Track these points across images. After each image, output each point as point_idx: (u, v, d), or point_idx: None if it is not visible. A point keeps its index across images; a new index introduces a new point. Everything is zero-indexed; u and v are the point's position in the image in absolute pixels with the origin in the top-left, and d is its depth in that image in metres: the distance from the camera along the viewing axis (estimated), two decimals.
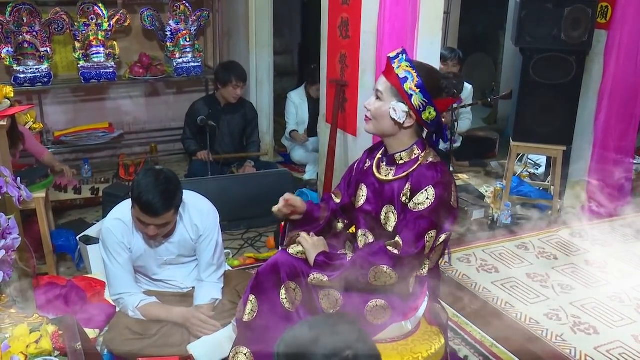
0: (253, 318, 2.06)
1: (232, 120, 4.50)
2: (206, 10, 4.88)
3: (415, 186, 1.95)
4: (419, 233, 1.91)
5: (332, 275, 1.98)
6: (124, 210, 2.48)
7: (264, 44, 4.93)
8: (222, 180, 3.93)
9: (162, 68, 4.89)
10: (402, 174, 2.01)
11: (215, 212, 2.62)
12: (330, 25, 3.67)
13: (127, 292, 2.50)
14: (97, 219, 3.79)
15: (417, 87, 1.93)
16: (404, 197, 1.98)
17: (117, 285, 2.51)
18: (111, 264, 2.49)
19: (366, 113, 2.05)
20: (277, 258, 2.10)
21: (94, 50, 4.49)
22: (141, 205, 2.28)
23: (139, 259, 2.54)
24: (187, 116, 4.52)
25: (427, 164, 1.99)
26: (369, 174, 2.13)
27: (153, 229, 2.34)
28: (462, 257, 3.57)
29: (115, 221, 2.48)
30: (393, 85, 1.97)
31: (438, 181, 1.94)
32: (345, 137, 3.66)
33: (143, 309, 2.48)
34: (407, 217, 1.94)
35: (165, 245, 2.53)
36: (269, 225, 3.89)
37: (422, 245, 1.92)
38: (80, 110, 4.94)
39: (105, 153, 5.11)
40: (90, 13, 4.45)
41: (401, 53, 1.98)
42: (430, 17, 3.22)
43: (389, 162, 2.08)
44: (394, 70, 1.95)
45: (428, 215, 1.91)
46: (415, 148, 2.03)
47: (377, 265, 1.92)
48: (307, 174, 4.84)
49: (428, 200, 1.92)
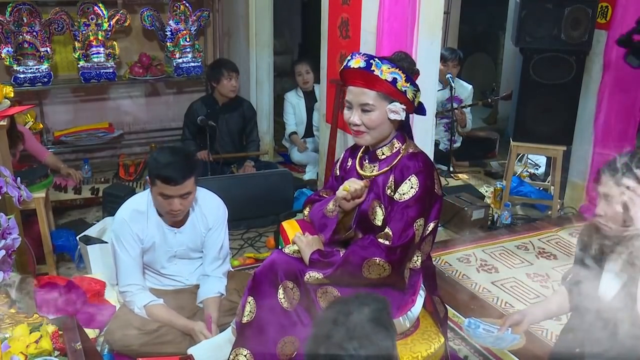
0: (252, 319, 2.06)
1: (230, 120, 4.50)
2: (206, 10, 4.89)
3: (399, 177, 2.00)
4: (408, 222, 1.95)
5: (327, 272, 1.99)
6: (138, 200, 2.57)
7: (264, 44, 4.93)
8: (222, 180, 3.93)
9: (162, 68, 4.89)
10: (385, 168, 2.05)
11: (225, 207, 2.67)
12: (330, 25, 3.68)
13: (137, 284, 2.52)
14: (97, 219, 3.80)
15: (407, 81, 1.98)
16: (389, 190, 2.02)
17: (127, 276, 2.52)
18: (123, 254, 2.51)
19: (357, 128, 2.04)
20: (274, 258, 2.10)
21: (94, 50, 4.50)
22: (163, 177, 2.33)
23: (150, 251, 2.56)
24: (186, 117, 4.52)
25: (408, 154, 2.04)
26: (352, 173, 2.16)
27: (177, 202, 2.38)
28: (462, 257, 3.57)
29: (130, 211, 2.52)
30: (382, 92, 1.98)
31: (420, 170, 1.98)
32: (345, 137, 3.66)
33: (150, 309, 2.49)
34: (394, 209, 1.98)
35: (176, 235, 2.56)
36: (269, 226, 3.89)
37: (412, 233, 1.95)
38: (80, 110, 4.94)
39: (105, 153, 5.11)
40: (90, 13, 4.45)
41: (368, 59, 1.97)
42: (430, 17, 3.22)
43: (371, 158, 2.11)
44: (378, 78, 1.95)
45: (414, 203, 1.95)
46: (395, 141, 2.07)
47: (370, 257, 1.94)
48: (307, 174, 4.84)
49: (412, 190, 1.96)
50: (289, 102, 5.14)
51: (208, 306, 2.53)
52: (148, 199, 2.53)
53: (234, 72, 4.36)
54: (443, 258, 3.53)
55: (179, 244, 2.59)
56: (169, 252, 2.59)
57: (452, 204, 3.96)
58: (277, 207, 3.87)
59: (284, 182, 4.02)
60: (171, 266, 2.63)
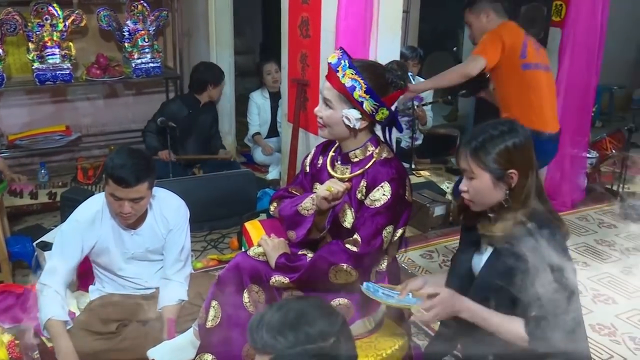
0: (217, 324, 2.05)
1: (206, 121, 4.61)
2: (165, 9, 4.81)
3: (371, 182, 1.98)
4: (377, 229, 1.93)
5: (293, 276, 1.98)
6: (96, 200, 2.52)
7: (225, 43, 4.90)
8: (184, 181, 3.89)
9: (120, 69, 4.80)
10: (358, 171, 2.02)
11: (186, 208, 2.63)
12: (291, 25, 3.67)
13: (51, 288, 2.39)
14: (55, 224, 3.70)
15: (366, 93, 1.91)
16: (359, 194, 2.00)
17: (49, 275, 2.42)
18: (57, 255, 2.44)
19: (318, 120, 2.04)
20: (238, 261, 2.08)
21: (49, 51, 4.38)
22: (115, 177, 2.28)
23: (105, 252, 2.50)
24: (160, 112, 4.46)
25: (382, 160, 2.01)
26: (323, 172, 2.14)
27: (127, 205, 2.33)
28: (424, 254, 3.60)
29: (85, 214, 2.46)
30: (341, 93, 1.95)
31: (393, 177, 1.96)
32: (307, 136, 3.66)
33: (49, 323, 2.35)
34: (364, 215, 1.96)
35: (133, 237, 2.51)
36: (232, 227, 3.86)
37: (380, 241, 1.94)
38: (36, 113, 4.81)
39: (63, 156, 4.99)
40: (45, 13, 4.34)
41: (341, 58, 1.95)
42: (390, 16, 3.24)
43: (343, 160, 2.09)
44: (339, 80, 1.93)
45: (385, 211, 1.93)
46: (369, 145, 2.04)
47: (337, 264, 1.92)
48: (271, 174, 4.81)
49: (384, 197, 1.94)
50: (254, 102, 5.10)
51: (168, 313, 2.49)
52: (104, 200, 2.48)
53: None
54: (406, 255, 3.56)
55: (137, 245, 2.54)
56: (125, 254, 2.54)
57: (414, 201, 3.97)
58: (240, 208, 3.84)
59: (247, 183, 4.00)
60: (129, 268, 2.58)
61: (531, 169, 1.76)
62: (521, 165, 1.73)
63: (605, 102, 6.86)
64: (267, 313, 1.31)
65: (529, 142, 1.76)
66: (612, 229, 4.07)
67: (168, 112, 4.40)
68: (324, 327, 1.27)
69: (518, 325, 1.69)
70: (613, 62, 6.33)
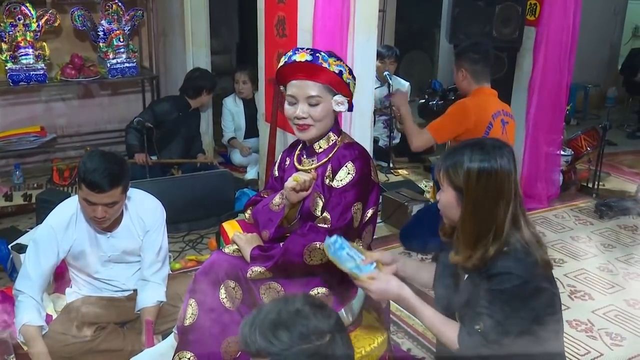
0: (194, 321, 2.04)
1: (192, 124, 4.64)
2: (140, 9, 4.78)
3: (336, 166, 2.05)
4: (346, 205, 1.98)
5: (269, 264, 1.99)
6: (69, 203, 2.47)
7: (201, 43, 4.87)
8: (161, 182, 3.86)
9: (95, 69, 4.74)
10: (324, 159, 2.09)
11: (162, 209, 2.61)
12: (267, 24, 3.66)
13: (26, 294, 2.36)
14: (31, 226, 3.65)
15: (349, 73, 2.05)
16: (327, 179, 2.05)
17: (24, 282, 2.38)
18: (32, 262, 2.38)
19: (303, 122, 2.04)
20: (214, 259, 2.09)
21: (22, 51, 4.32)
22: (88, 182, 2.23)
23: (81, 256, 2.47)
24: (150, 109, 4.45)
25: (344, 145, 2.10)
26: (291, 170, 2.17)
27: (101, 210, 2.28)
28: (403, 252, 3.62)
29: (59, 219, 2.42)
30: (327, 84, 2.02)
31: (356, 156, 2.04)
32: (285, 136, 3.66)
33: (24, 329, 2.33)
34: (332, 195, 2.01)
35: (109, 239, 2.48)
36: (210, 227, 3.85)
37: (350, 217, 1.98)
38: (9, 114, 4.74)
39: (38, 158, 4.92)
40: (18, 13, 4.28)
41: (315, 53, 2.00)
42: (366, 15, 3.26)
43: (309, 153, 2.14)
44: (326, 70, 1.99)
45: (351, 188, 2.00)
46: (331, 134, 2.11)
47: (310, 243, 1.95)
48: (249, 174, 4.80)
49: (349, 175, 2.01)
50: (227, 108, 5.09)
51: (147, 314, 2.47)
52: (78, 203, 2.45)
53: None
54: (385, 253, 3.56)
55: (113, 248, 2.50)
56: (102, 257, 2.51)
57: (392, 199, 4.01)
58: (218, 208, 3.84)
59: (225, 183, 3.99)
60: (106, 271, 2.55)
61: (502, 199, 1.66)
62: (487, 192, 1.66)
63: (580, 101, 6.97)
64: (258, 315, 1.27)
65: (505, 171, 1.66)
66: (588, 225, 4.14)
67: (159, 111, 4.40)
68: (319, 325, 1.24)
69: (452, 330, 1.71)
70: (587, 61, 6.46)
